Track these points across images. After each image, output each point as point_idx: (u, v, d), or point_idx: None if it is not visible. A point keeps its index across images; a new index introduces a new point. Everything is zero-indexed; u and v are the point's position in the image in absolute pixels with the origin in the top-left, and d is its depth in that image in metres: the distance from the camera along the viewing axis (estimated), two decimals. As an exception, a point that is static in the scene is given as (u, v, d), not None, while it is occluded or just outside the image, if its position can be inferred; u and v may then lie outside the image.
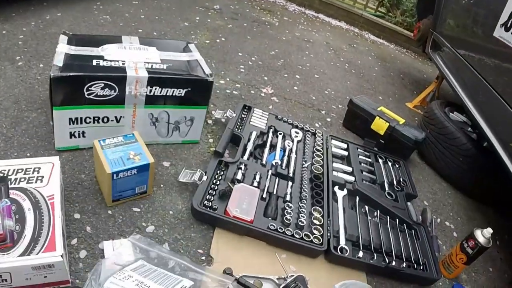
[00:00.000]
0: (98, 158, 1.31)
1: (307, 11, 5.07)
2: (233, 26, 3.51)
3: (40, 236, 1.04)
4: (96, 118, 1.47)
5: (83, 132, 1.49)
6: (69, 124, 1.44)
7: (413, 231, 1.68)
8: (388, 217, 1.68)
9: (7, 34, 2.25)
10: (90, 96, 1.40)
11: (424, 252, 1.59)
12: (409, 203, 1.83)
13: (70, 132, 1.47)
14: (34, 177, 1.18)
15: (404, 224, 1.68)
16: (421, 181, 2.20)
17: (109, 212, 1.35)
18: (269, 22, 3.99)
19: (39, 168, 1.22)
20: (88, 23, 2.71)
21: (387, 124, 2.17)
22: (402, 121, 2.21)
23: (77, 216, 1.31)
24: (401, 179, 1.93)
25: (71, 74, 1.34)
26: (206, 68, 1.62)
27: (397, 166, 2.07)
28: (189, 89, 1.57)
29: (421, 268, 1.52)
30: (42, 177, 1.19)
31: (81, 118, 1.45)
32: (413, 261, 1.53)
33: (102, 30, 2.68)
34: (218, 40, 3.08)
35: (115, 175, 1.27)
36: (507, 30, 1.84)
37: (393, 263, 1.48)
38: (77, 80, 1.36)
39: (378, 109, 2.29)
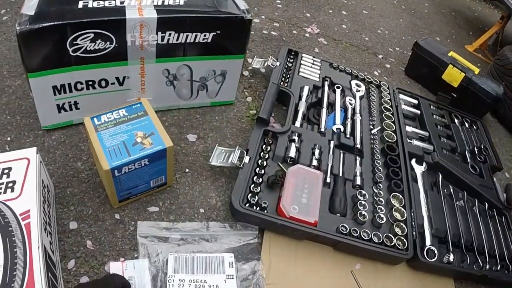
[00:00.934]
0: (92, 145, 0.90)
1: None
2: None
3: (13, 282, 0.67)
4: (90, 83, 1.05)
5: (76, 103, 1.08)
6: (54, 94, 1.03)
7: (503, 217, 1.31)
8: (476, 201, 1.30)
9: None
10: (77, 53, 0.97)
11: (516, 247, 1.23)
12: (494, 179, 1.43)
13: (58, 105, 1.06)
14: (1, 184, 0.79)
15: (494, 209, 1.31)
16: (498, 145, 1.77)
17: (116, 216, 0.97)
18: None
19: (9, 169, 0.82)
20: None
21: (463, 74, 1.71)
22: (477, 70, 1.75)
23: (73, 225, 0.94)
24: (482, 146, 1.52)
25: (45, 24, 0.91)
26: (241, 2, 1.17)
27: (474, 128, 1.65)
28: (219, 32, 1.12)
29: (514, 270, 1.17)
30: (13, 182, 0.79)
31: (69, 85, 1.03)
32: (507, 260, 1.18)
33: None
34: (247, -31, 2.55)
35: (116, 171, 0.87)
36: None
37: (487, 267, 1.12)
38: (54, 32, 0.93)
39: (449, 54, 1.83)
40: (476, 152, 1.48)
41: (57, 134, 1.12)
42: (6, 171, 0.81)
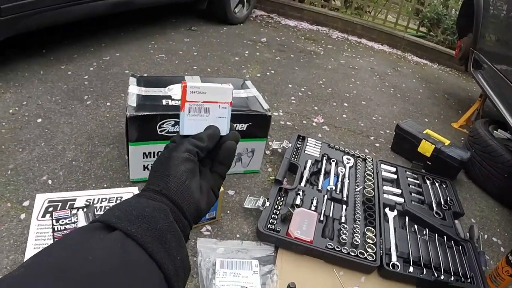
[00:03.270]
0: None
1: (349, 37, 5.24)
2: (280, 58, 3.71)
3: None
4: (169, 153, 1.68)
5: (157, 165, 1.70)
6: (143, 158, 1.63)
7: (460, 247, 1.74)
8: (436, 235, 1.76)
9: (73, 75, 2.53)
10: (162, 133, 1.58)
11: (471, 267, 1.64)
12: (456, 221, 1.91)
13: (144, 165, 1.66)
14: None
15: (452, 241, 1.75)
16: (468, 199, 2.25)
17: (184, 236, 1.52)
18: (314, 52, 4.17)
19: (121, 198, 1.42)
20: (145, 62, 2.98)
21: (433, 146, 2.25)
22: (447, 142, 2.28)
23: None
24: (448, 199, 2.02)
25: (145, 113, 1.52)
26: (264, 104, 1.78)
27: (444, 186, 2.15)
28: (250, 123, 1.72)
29: (469, 281, 1.58)
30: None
31: (154, 153, 1.63)
32: (460, 275, 1.59)
33: (160, 68, 2.92)
34: (268, 73, 3.26)
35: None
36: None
37: (442, 277, 1.54)
38: (150, 119, 1.53)
39: (424, 132, 2.38)
40: (442, 203, 1.97)
41: (140, 185, 1.68)
42: (119, 198, 1.42)
